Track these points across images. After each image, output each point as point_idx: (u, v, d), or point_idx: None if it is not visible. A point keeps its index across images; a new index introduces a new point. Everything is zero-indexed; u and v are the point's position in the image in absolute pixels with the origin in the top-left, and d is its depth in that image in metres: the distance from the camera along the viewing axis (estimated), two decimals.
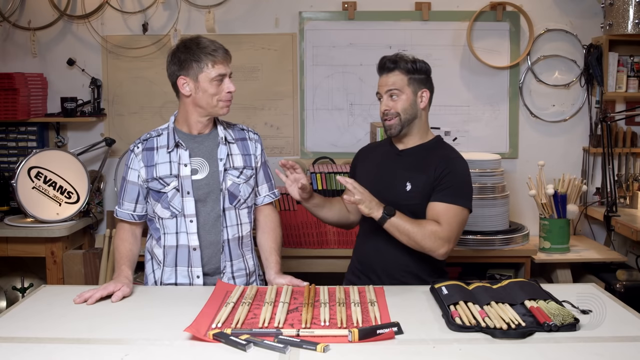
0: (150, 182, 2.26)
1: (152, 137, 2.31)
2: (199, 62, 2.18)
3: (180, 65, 2.21)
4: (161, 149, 2.28)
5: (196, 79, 2.20)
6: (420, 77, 2.33)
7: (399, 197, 2.32)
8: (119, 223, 2.37)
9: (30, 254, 3.39)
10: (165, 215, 2.26)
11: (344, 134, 3.76)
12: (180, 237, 2.27)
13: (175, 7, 3.71)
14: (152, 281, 2.34)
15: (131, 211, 2.31)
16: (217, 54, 2.19)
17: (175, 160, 2.26)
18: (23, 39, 3.76)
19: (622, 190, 3.63)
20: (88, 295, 2.03)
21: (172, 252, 2.29)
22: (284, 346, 1.62)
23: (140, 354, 1.62)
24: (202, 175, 2.27)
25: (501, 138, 3.75)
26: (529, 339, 1.70)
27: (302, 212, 3.35)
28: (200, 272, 2.28)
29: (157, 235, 2.31)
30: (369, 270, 2.39)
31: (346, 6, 3.67)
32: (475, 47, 3.66)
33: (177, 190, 2.24)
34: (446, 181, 2.27)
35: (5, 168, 3.67)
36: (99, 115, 3.75)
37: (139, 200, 2.31)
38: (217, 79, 2.20)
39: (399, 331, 1.74)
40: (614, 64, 3.56)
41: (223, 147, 2.31)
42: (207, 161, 2.29)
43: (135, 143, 2.32)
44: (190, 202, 2.25)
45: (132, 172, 2.29)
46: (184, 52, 2.20)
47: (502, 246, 3.25)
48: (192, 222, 2.26)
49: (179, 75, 2.22)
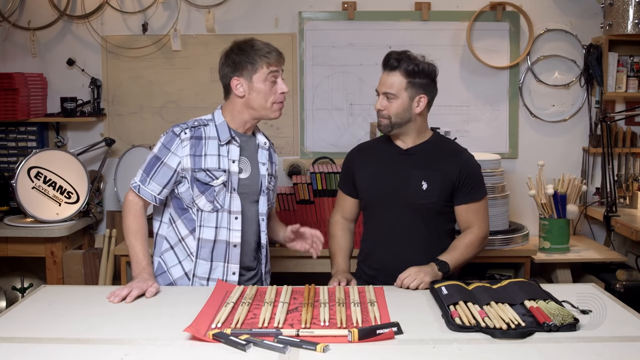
0: (197, 173, 2.22)
1: (199, 125, 2.27)
2: (254, 64, 2.21)
3: (235, 67, 2.23)
4: (210, 140, 2.25)
5: (250, 79, 2.22)
6: (421, 81, 2.31)
7: (415, 196, 2.33)
8: (133, 197, 2.26)
9: (30, 254, 3.39)
10: (207, 208, 2.25)
11: (344, 134, 3.76)
12: (220, 232, 2.26)
13: (175, 7, 3.71)
14: (181, 272, 2.28)
15: (156, 193, 2.24)
16: (271, 55, 2.22)
17: (224, 154, 2.25)
18: (23, 39, 3.76)
19: (621, 190, 3.63)
20: (125, 293, 2.02)
21: (209, 246, 2.26)
22: (283, 346, 1.62)
23: (140, 354, 1.62)
24: (246, 174, 2.30)
25: (501, 138, 3.75)
26: (529, 339, 1.70)
27: (302, 212, 3.35)
28: (237, 269, 2.28)
29: (190, 226, 2.27)
30: (386, 275, 2.31)
31: (346, 6, 3.67)
32: (475, 47, 3.66)
33: (225, 185, 2.24)
34: (468, 182, 2.37)
35: (5, 168, 3.67)
36: (99, 115, 3.75)
37: (167, 185, 2.25)
38: (270, 79, 2.23)
39: (399, 331, 1.74)
40: (613, 64, 3.56)
41: (264, 151, 2.36)
42: (250, 162, 2.32)
43: (182, 127, 2.24)
44: (237, 199, 2.26)
45: (172, 157, 2.22)
46: (238, 53, 2.23)
47: (501, 246, 3.25)
48: (237, 219, 2.27)
49: (232, 76, 2.24)
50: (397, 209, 2.36)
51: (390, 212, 2.38)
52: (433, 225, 2.37)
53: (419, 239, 2.37)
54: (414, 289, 2.15)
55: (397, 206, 2.36)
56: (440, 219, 2.39)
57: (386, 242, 2.39)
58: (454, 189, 2.36)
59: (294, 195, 3.36)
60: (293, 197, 3.36)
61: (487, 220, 2.44)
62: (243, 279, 2.34)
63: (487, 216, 2.45)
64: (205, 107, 3.59)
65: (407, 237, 2.36)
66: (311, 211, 3.37)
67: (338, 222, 2.55)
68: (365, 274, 2.46)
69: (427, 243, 2.37)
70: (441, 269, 2.24)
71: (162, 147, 2.25)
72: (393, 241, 2.37)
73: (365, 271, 2.47)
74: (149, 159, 2.27)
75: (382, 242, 2.40)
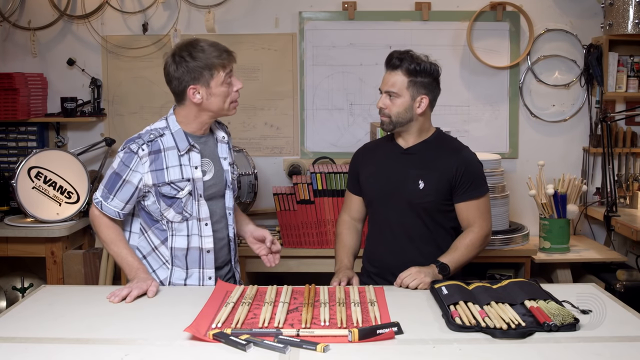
0: (162, 187, 2.18)
1: (155, 137, 2.19)
2: (210, 70, 2.15)
3: (190, 75, 2.15)
4: (169, 150, 2.20)
5: (208, 85, 2.16)
6: (424, 81, 2.31)
7: (412, 195, 2.34)
8: (98, 214, 2.24)
9: (30, 254, 3.39)
10: (177, 219, 2.22)
11: (344, 134, 3.76)
12: (192, 239, 2.25)
13: (175, 7, 3.71)
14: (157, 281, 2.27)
15: (119, 209, 2.21)
16: (223, 57, 2.17)
17: (185, 163, 2.21)
18: (23, 39, 3.76)
19: (622, 190, 3.63)
20: (125, 294, 2.02)
21: (182, 254, 2.26)
22: (284, 346, 1.62)
23: (140, 354, 1.62)
24: (210, 175, 2.28)
25: (501, 138, 3.75)
26: (529, 339, 1.70)
27: (302, 212, 3.35)
28: (212, 274, 2.27)
29: (162, 236, 2.26)
30: (386, 273, 2.36)
31: (346, 6, 3.67)
32: (475, 47, 3.66)
33: (191, 194, 2.22)
34: (466, 179, 2.34)
35: (5, 168, 3.67)
36: (99, 115, 3.75)
37: (130, 201, 2.21)
38: (227, 81, 2.19)
39: (399, 331, 1.74)
40: (614, 64, 3.56)
41: (223, 145, 2.33)
42: (212, 161, 2.29)
43: (139, 144, 2.17)
44: (204, 205, 2.24)
45: (133, 174, 2.17)
46: (191, 60, 2.14)
47: (502, 246, 3.25)
48: (207, 225, 2.25)
49: (189, 85, 2.16)
50: (397, 208, 2.37)
51: (391, 211, 2.39)
52: (433, 224, 2.38)
53: (419, 238, 2.37)
54: (413, 289, 2.15)
55: (397, 205, 2.37)
56: (440, 217, 2.39)
57: (387, 241, 2.40)
58: (452, 186, 2.35)
59: (294, 195, 3.36)
60: (293, 197, 3.36)
61: (489, 219, 2.42)
62: (221, 274, 2.33)
63: (489, 214, 2.43)
64: None
65: (407, 236, 2.37)
66: (311, 211, 3.37)
67: (344, 221, 2.56)
68: (369, 272, 2.47)
69: (427, 242, 2.37)
70: (441, 271, 2.24)
71: (121, 164, 2.18)
72: (393, 240, 2.38)
73: (369, 269, 2.48)
74: (108, 174, 2.21)
75: (383, 241, 2.41)
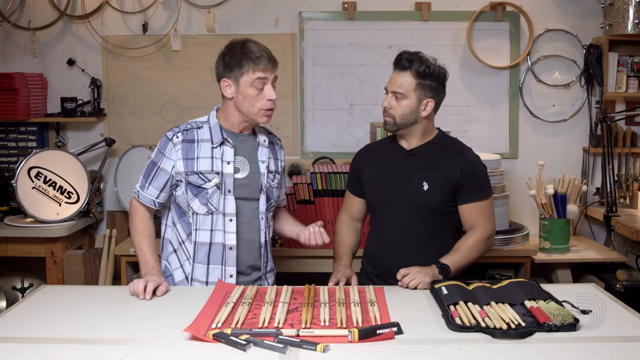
0: (190, 176, 2.23)
1: (192, 128, 2.27)
2: (241, 67, 2.17)
3: (224, 68, 2.21)
4: (203, 142, 2.25)
5: (237, 82, 2.19)
6: (431, 84, 2.31)
7: (417, 197, 2.34)
8: (136, 203, 2.31)
9: (30, 254, 3.39)
10: (202, 211, 2.24)
11: (344, 134, 3.76)
12: (216, 234, 2.26)
13: (175, 7, 3.71)
14: (182, 276, 2.30)
15: (154, 197, 2.27)
16: (260, 60, 2.17)
17: (217, 156, 2.24)
18: (23, 39, 3.76)
19: (622, 191, 3.63)
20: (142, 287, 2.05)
21: (205, 249, 2.26)
22: (283, 346, 1.62)
23: (140, 354, 1.62)
24: (244, 174, 2.28)
25: (501, 138, 3.75)
26: (529, 339, 1.70)
27: (302, 212, 3.35)
28: (234, 272, 2.27)
29: (187, 229, 2.28)
30: (386, 274, 2.35)
31: (346, 6, 3.67)
32: (475, 47, 3.66)
33: (218, 187, 2.23)
34: (470, 180, 2.34)
35: (5, 168, 3.67)
36: (99, 115, 3.75)
37: (164, 189, 2.27)
38: (258, 86, 2.18)
39: (399, 331, 1.74)
40: (613, 64, 3.56)
41: (264, 149, 2.34)
42: (248, 161, 2.30)
43: (174, 131, 2.26)
44: (231, 200, 2.25)
45: (166, 161, 2.24)
46: (229, 54, 2.20)
47: (502, 246, 3.25)
48: (231, 221, 2.25)
49: (222, 77, 2.22)
50: (400, 209, 2.37)
51: (393, 213, 2.38)
52: (436, 225, 2.38)
53: (422, 240, 2.37)
54: (412, 289, 2.15)
55: (400, 207, 2.37)
56: (444, 219, 2.39)
57: (389, 242, 2.40)
58: (456, 188, 2.35)
59: (294, 195, 3.37)
60: (293, 197, 3.36)
61: (492, 221, 2.41)
62: (248, 278, 2.32)
63: (492, 216, 2.42)
64: (206, 107, 3.59)
65: (409, 237, 2.37)
66: (311, 211, 3.37)
67: (343, 221, 2.56)
68: (369, 273, 2.47)
69: (430, 244, 2.37)
70: (442, 271, 2.24)
71: (157, 152, 2.28)
72: (395, 241, 2.38)
73: (368, 270, 2.48)
74: (147, 164, 2.30)
75: (385, 242, 2.41)
